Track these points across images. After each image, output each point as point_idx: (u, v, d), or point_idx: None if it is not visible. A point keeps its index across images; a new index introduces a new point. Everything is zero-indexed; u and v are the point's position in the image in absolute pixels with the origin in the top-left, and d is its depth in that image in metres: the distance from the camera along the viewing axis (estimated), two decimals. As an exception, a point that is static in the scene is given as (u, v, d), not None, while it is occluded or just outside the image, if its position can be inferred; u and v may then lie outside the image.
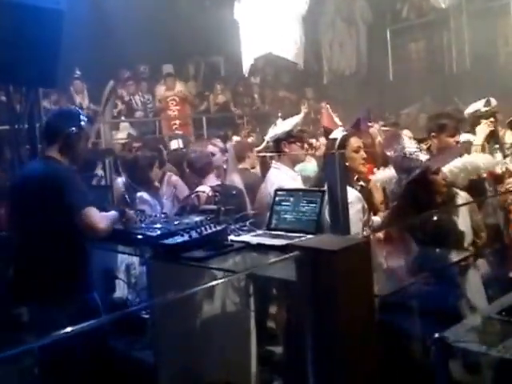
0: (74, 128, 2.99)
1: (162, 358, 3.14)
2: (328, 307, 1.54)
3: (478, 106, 4.55)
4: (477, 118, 4.49)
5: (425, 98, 9.06)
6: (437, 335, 1.55)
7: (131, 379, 3.24)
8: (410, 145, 3.27)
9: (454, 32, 10.09)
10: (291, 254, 1.58)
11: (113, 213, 3.06)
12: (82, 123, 3.04)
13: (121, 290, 3.92)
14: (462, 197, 3.27)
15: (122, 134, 8.88)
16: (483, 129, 4.29)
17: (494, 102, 4.53)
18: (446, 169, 3.35)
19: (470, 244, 3.07)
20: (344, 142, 3.50)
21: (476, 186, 3.75)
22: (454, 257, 2.73)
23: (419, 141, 3.90)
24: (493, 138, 4.40)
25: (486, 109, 4.47)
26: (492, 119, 4.43)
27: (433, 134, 3.89)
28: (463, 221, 3.11)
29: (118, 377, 3.25)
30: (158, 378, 3.12)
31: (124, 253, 3.44)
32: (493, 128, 4.39)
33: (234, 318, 3.38)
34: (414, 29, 10.71)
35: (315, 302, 1.57)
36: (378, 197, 3.88)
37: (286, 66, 9.83)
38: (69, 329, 1.45)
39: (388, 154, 3.61)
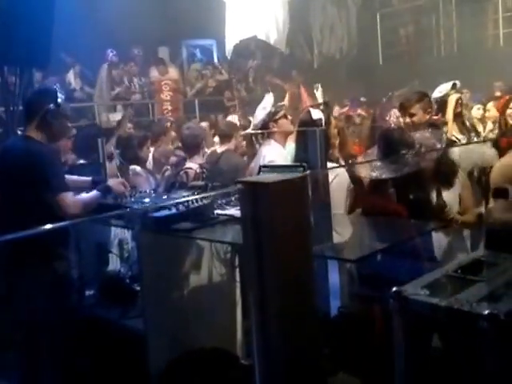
0: (51, 105, 3.01)
1: (152, 325, 3.29)
2: (266, 239, 1.65)
3: (446, 88, 4.72)
4: (445, 100, 4.67)
5: (414, 81, 9.19)
6: (394, 289, 1.69)
7: (122, 346, 3.40)
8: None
9: (443, 16, 10.22)
10: (235, 188, 1.74)
11: (93, 193, 3.16)
12: (59, 100, 3.05)
13: (113, 264, 4.09)
14: (462, 176, 3.30)
15: (118, 116, 8.98)
16: (451, 102, 4.47)
17: (459, 84, 4.71)
18: None
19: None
20: (327, 119, 3.64)
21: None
22: (429, 227, 2.86)
23: None
24: (460, 118, 4.59)
25: (454, 91, 4.64)
26: (459, 100, 4.62)
27: None
28: (453, 192, 3.17)
29: (109, 343, 3.43)
30: (148, 345, 3.28)
31: (115, 225, 3.59)
32: (459, 109, 4.59)
33: (220, 288, 3.55)
34: (403, 13, 10.84)
35: (254, 234, 1.69)
36: None
37: (277, 51, 9.91)
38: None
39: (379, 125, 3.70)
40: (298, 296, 1.68)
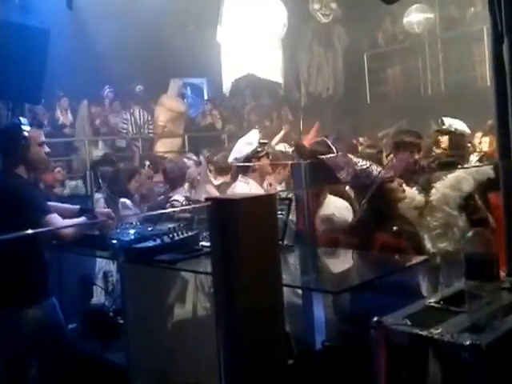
0: (19, 141, 2.98)
1: (134, 359, 3.23)
2: (233, 253, 1.69)
3: (435, 125, 4.93)
4: (436, 135, 4.85)
5: (401, 121, 9.33)
6: (376, 319, 1.68)
7: (104, 380, 3.32)
8: (360, 162, 3.34)
9: (429, 57, 10.47)
10: (205, 204, 1.77)
11: (80, 219, 3.16)
12: (25, 133, 3.01)
13: (98, 297, 4.03)
14: None
15: (101, 152, 8.99)
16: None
17: (448, 121, 4.84)
18: (438, 193, 3.35)
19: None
20: None
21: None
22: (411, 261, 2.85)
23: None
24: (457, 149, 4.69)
25: (441, 127, 4.81)
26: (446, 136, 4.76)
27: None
28: None
29: (91, 377, 3.35)
30: (130, 380, 3.20)
31: (99, 256, 3.56)
32: (439, 150, 4.73)
33: (204, 321, 3.49)
34: (390, 54, 11.11)
35: (222, 250, 1.71)
36: None
37: (266, 88, 10.10)
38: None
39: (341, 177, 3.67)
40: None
